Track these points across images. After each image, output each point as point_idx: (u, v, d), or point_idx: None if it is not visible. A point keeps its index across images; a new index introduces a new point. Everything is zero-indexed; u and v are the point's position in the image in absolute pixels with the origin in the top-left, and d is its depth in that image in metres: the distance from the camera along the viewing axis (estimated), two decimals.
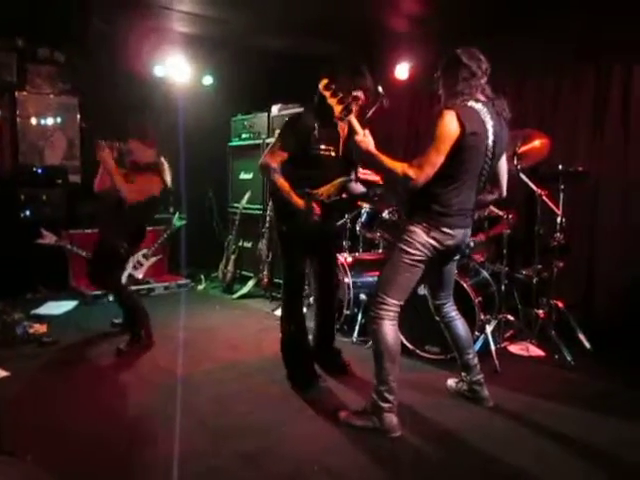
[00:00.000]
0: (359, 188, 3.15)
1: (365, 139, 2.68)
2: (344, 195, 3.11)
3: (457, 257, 2.99)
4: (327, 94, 2.71)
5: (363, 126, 2.74)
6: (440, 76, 2.76)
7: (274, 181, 3.14)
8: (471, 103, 2.61)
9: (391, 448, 2.61)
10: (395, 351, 2.71)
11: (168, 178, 4.07)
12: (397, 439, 2.67)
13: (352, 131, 2.74)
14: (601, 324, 4.21)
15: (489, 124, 2.63)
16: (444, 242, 2.68)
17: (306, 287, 3.87)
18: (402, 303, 2.76)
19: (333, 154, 3.15)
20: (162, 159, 4.10)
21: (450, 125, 2.51)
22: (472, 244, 3.94)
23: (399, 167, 2.57)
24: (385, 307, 2.71)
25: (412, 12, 4.60)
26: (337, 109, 2.70)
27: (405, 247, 2.68)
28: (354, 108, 2.71)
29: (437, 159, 2.52)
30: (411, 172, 2.52)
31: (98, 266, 4.03)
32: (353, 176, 3.15)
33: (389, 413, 2.70)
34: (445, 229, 2.65)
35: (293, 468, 2.44)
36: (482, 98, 2.67)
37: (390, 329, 2.70)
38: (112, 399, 3.16)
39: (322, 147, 3.12)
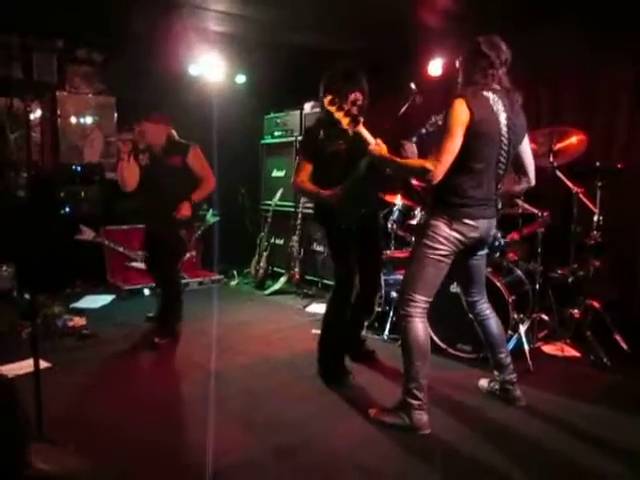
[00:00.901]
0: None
1: (377, 147, 2.72)
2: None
3: (485, 251, 2.96)
4: (333, 109, 2.77)
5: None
6: (460, 64, 2.76)
7: (303, 190, 3.30)
8: (484, 92, 2.61)
9: (423, 445, 2.61)
10: (425, 348, 2.71)
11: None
12: (429, 436, 2.67)
13: (365, 141, 2.76)
14: (639, 324, 4.11)
15: (501, 112, 2.63)
16: (468, 234, 2.67)
17: None
18: (430, 299, 2.76)
19: (344, 147, 3.16)
20: (196, 148, 4.04)
21: (459, 112, 2.53)
22: (502, 241, 3.89)
23: (417, 163, 2.63)
24: (414, 304, 2.71)
25: (445, 7, 4.55)
26: (345, 122, 2.75)
27: (429, 242, 2.68)
28: (361, 118, 2.75)
29: (452, 146, 2.53)
30: (428, 164, 2.54)
31: (164, 259, 4.07)
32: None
33: (419, 410, 2.70)
34: (467, 220, 2.65)
35: (327, 462, 2.48)
36: (497, 88, 2.66)
37: (420, 326, 2.71)
38: (147, 392, 3.24)
39: (334, 142, 3.16)
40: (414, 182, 3.62)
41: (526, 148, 2.87)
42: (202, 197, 4.06)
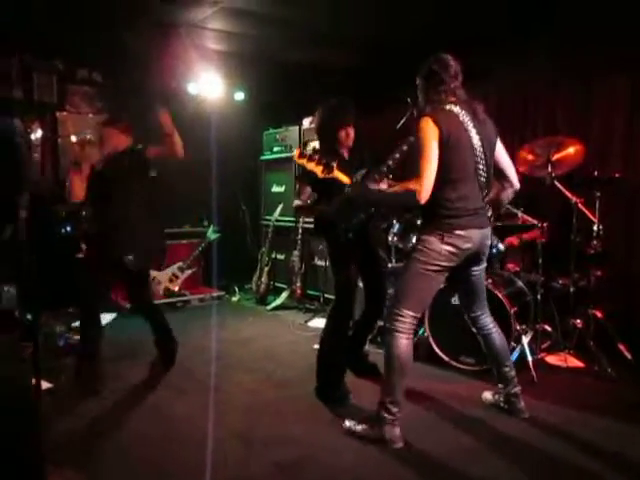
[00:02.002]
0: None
1: (355, 188, 2.83)
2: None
3: (483, 265, 2.94)
4: (304, 162, 2.84)
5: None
6: (418, 85, 2.83)
7: (301, 209, 3.40)
8: (448, 107, 2.67)
9: (425, 459, 2.59)
10: (407, 366, 2.71)
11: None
12: (432, 450, 2.65)
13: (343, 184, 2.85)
14: None
15: (467, 121, 2.67)
16: (461, 246, 2.66)
17: None
18: (419, 315, 2.76)
19: (339, 164, 3.14)
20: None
21: (428, 129, 2.58)
22: (501, 247, 3.88)
23: (402, 189, 2.68)
24: (401, 319, 2.70)
25: (435, 24, 4.59)
26: (318, 171, 2.81)
27: (420, 257, 2.68)
28: (334, 164, 2.83)
29: (430, 164, 2.57)
30: (413, 185, 2.58)
31: (138, 282, 3.77)
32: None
33: (391, 425, 2.70)
34: (458, 231, 2.65)
35: (326, 478, 2.46)
36: (455, 100, 2.71)
37: (404, 343, 2.70)
38: (148, 409, 3.22)
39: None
40: None
41: (501, 153, 2.89)
42: (159, 153, 3.50)
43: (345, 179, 2.82)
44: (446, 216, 2.66)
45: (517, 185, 2.95)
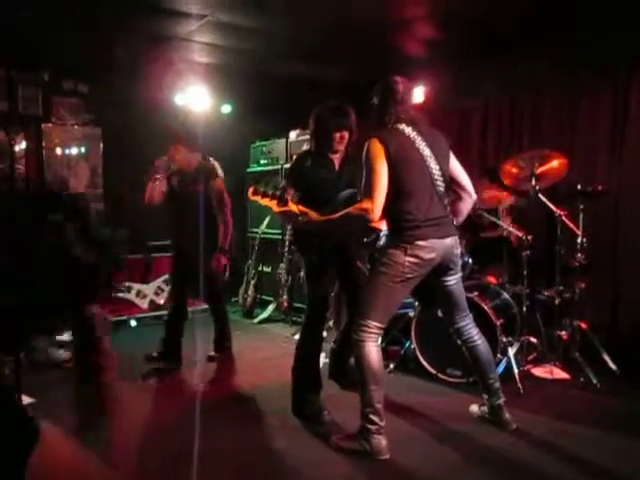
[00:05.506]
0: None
1: (307, 217, 2.88)
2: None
3: (458, 274, 2.95)
4: (258, 198, 2.88)
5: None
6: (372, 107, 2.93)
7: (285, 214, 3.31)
8: (396, 126, 2.76)
9: (411, 474, 2.57)
10: (379, 373, 2.73)
11: None
12: (418, 465, 2.64)
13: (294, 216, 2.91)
14: (627, 344, 4.12)
15: (415, 136, 2.75)
16: (424, 257, 2.69)
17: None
18: (384, 325, 2.79)
19: (329, 175, 3.19)
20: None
21: (374, 148, 2.66)
22: (469, 259, 3.87)
23: (354, 209, 2.69)
24: (367, 330, 2.73)
25: (428, 37, 4.65)
26: (273, 205, 2.86)
27: (384, 269, 2.72)
28: (288, 196, 2.89)
29: (380, 182, 2.62)
30: (365, 205, 2.62)
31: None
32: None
33: (377, 435, 2.69)
34: (420, 242, 2.68)
35: None
36: (401, 121, 2.78)
37: (373, 351, 2.72)
38: (131, 427, 3.16)
39: (319, 171, 3.18)
40: None
41: (455, 165, 2.95)
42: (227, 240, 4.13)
43: (300, 210, 2.87)
44: (407, 228, 2.69)
45: (474, 195, 3.01)
